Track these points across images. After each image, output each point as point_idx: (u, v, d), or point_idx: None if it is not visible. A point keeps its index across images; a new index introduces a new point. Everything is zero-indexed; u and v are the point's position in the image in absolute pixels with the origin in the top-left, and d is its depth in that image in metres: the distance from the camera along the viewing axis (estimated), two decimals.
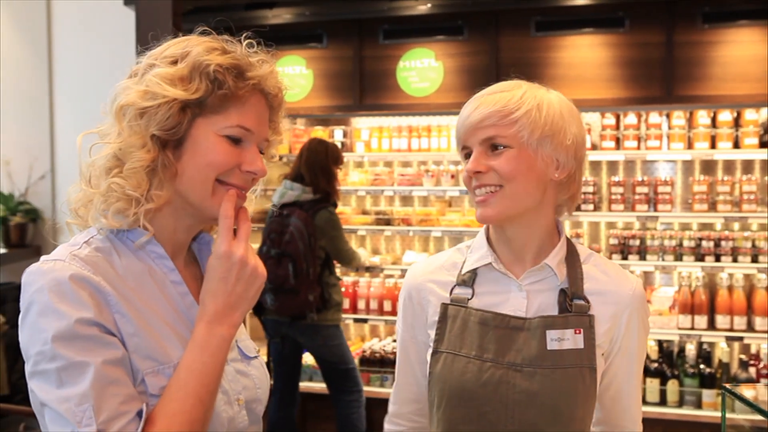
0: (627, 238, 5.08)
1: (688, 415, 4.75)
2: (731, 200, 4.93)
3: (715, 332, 4.86)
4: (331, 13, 5.18)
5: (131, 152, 1.33)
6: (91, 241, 1.36)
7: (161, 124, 1.33)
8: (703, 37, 4.76)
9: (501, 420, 1.60)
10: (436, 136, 5.42)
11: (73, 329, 1.23)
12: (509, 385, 1.60)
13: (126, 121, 1.34)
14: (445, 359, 1.65)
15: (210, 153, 1.37)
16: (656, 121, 5.06)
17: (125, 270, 1.35)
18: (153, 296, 1.37)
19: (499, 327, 1.63)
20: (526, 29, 5.00)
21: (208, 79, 1.35)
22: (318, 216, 4.45)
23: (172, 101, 1.33)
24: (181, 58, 1.37)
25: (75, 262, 1.29)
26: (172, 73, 1.34)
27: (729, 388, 2.28)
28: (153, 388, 1.29)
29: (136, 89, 1.34)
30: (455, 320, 1.66)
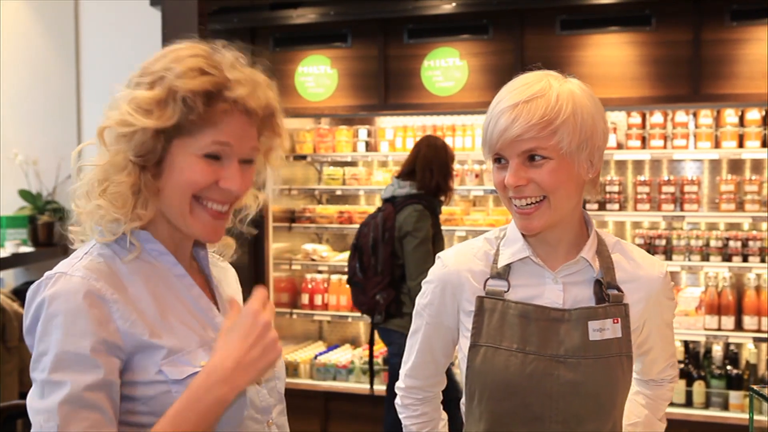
0: (653, 237, 5.04)
1: (714, 417, 4.71)
2: (759, 200, 4.87)
3: (742, 333, 4.81)
4: (355, 13, 5.18)
5: (114, 174, 1.38)
6: (91, 250, 1.40)
7: (137, 149, 1.37)
8: (731, 34, 4.71)
9: (545, 411, 1.63)
10: (460, 135, 5.41)
11: (68, 353, 1.28)
12: (553, 376, 1.63)
13: (109, 143, 1.39)
14: (485, 353, 1.66)
15: (186, 172, 1.39)
16: (683, 120, 5.02)
17: (130, 271, 1.40)
18: (160, 292, 1.42)
19: (540, 319, 1.65)
20: (552, 28, 4.98)
21: (183, 104, 1.36)
22: (401, 211, 4.27)
23: (145, 129, 1.36)
24: (159, 82, 1.38)
25: (78, 272, 1.34)
26: (147, 99, 1.36)
27: (757, 389, 2.26)
28: (173, 374, 1.34)
29: (114, 113, 1.38)
30: (493, 313, 1.67)
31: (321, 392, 5.37)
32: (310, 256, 5.69)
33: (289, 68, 5.42)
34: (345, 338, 5.99)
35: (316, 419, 5.36)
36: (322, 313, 5.68)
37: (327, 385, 5.41)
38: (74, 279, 1.32)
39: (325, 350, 5.72)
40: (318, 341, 6.00)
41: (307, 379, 5.48)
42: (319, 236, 6.03)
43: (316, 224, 5.70)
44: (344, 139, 5.68)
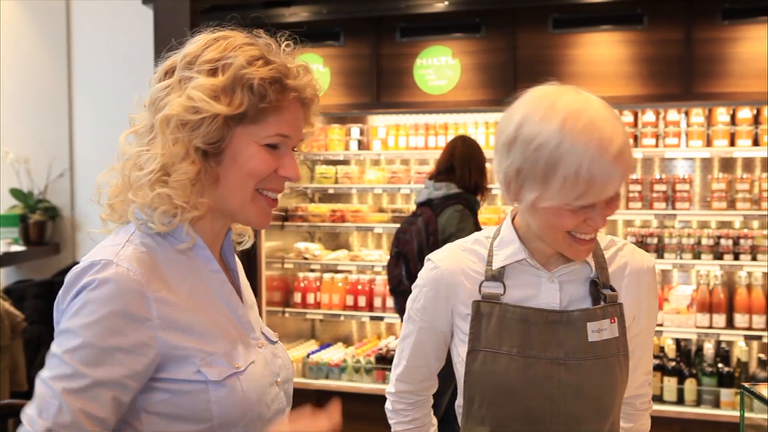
0: (645, 236, 5.06)
1: (706, 415, 4.73)
2: (750, 198, 4.89)
3: (733, 331, 4.83)
4: (348, 11, 5.18)
5: (176, 163, 1.35)
6: (132, 238, 1.38)
7: (205, 137, 1.36)
8: (722, 33, 4.72)
9: (547, 414, 1.63)
10: (453, 133, 5.41)
11: (96, 347, 1.28)
12: (554, 379, 1.62)
13: (169, 132, 1.36)
14: (484, 358, 1.65)
15: (250, 162, 1.40)
16: (675, 119, 5.03)
17: (168, 263, 1.39)
18: (195, 287, 1.41)
19: (539, 322, 1.64)
20: (544, 26, 4.98)
21: (251, 93, 1.36)
22: (442, 213, 4.17)
23: (215, 116, 1.35)
24: (222, 69, 1.37)
25: (124, 262, 1.32)
26: (214, 86, 1.35)
27: (748, 387, 2.28)
28: (212, 375, 1.36)
29: (178, 101, 1.35)
30: (490, 317, 1.66)
31: (313, 391, 5.37)
32: (303, 254, 5.69)
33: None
34: (337, 337, 5.99)
35: None
36: (314, 311, 5.68)
37: (319, 383, 5.41)
38: (121, 270, 1.31)
39: (318, 349, 5.72)
40: (310, 340, 6.00)
41: (299, 377, 5.48)
42: (311, 235, 6.02)
43: (308, 223, 5.70)
44: (337, 137, 5.68)
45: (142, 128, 1.42)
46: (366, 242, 6.01)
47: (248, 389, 1.40)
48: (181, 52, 1.43)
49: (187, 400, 1.35)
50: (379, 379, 5.25)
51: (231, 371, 1.38)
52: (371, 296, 5.53)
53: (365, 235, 5.96)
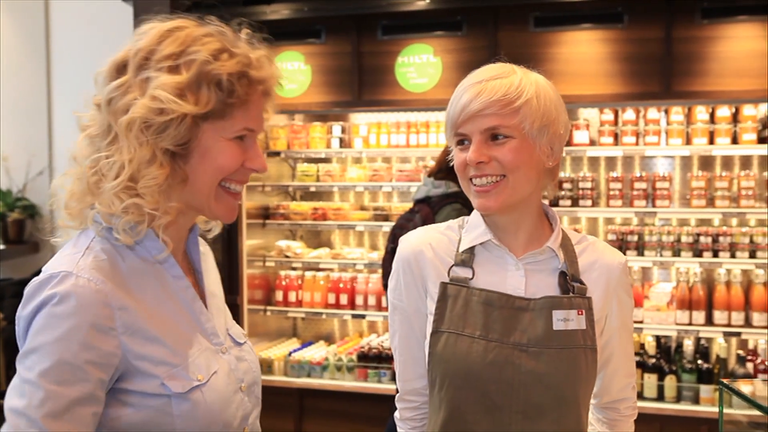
0: (625, 233, 5.09)
1: (685, 411, 4.76)
2: (729, 196, 4.93)
3: (712, 328, 4.86)
4: (329, 9, 5.17)
5: (143, 168, 1.30)
6: (92, 245, 1.33)
7: (174, 138, 1.32)
8: (701, 32, 4.75)
9: (506, 401, 1.62)
10: (434, 131, 5.41)
11: (65, 363, 1.23)
12: (515, 365, 1.62)
13: (133, 136, 1.30)
14: (447, 339, 1.64)
15: (220, 157, 1.37)
16: (655, 117, 5.06)
17: (129, 270, 1.34)
18: (157, 295, 1.37)
19: (504, 307, 1.65)
20: (525, 25, 5.00)
21: (218, 89, 1.33)
22: (440, 212, 4.12)
23: (183, 116, 1.31)
24: (185, 65, 1.32)
25: (84, 272, 1.27)
26: (179, 84, 1.30)
27: (727, 383, 2.29)
28: (175, 388, 1.32)
29: (142, 102, 1.29)
30: (456, 300, 1.66)
31: (295, 389, 5.36)
32: (284, 252, 5.67)
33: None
34: (319, 335, 5.98)
35: (290, 416, 5.35)
36: (296, 309, 5.67)
37: (301, 382, 5.40)
38: (81, 281, 1.26)
39: (300, 347, 5.71)
40: (292, 338, 5.99)
41: (281, 376, 5.47)
42: (293, 233, 6.01)
43: (290, 221, 5.69)
44: (318, 135, 5.66)
45: (97, 130, 1.35)
46: (348, 240, 6.00)
47: (211, 401, 1.37)
48: (133, 47, 1.36)
49: (151, 415, 1.31)
50: (361, 377, 5.25)
51: (193, 383, 1.35)
52: (353, 294, 5.52)
53: (347, 233, 5.96)
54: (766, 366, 4.75)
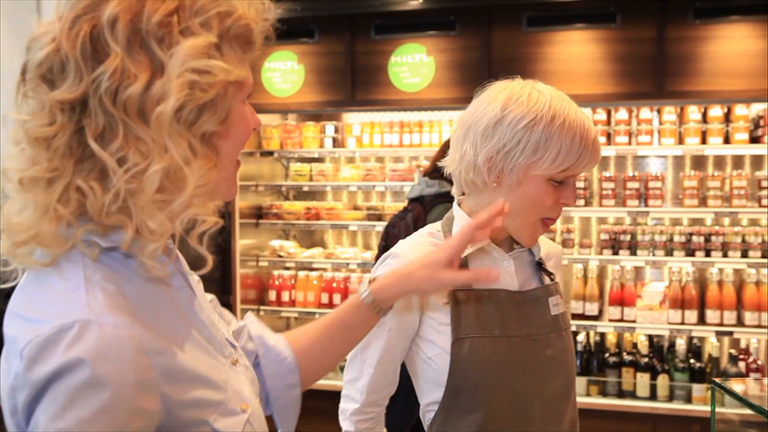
0: (618, 233, 5.10)
1: (678, 410, 4.77)
2: (721, 195, 4.94)
3: (705, 327, 4.87)
4: (323, 8, 5.17)
5: (186, 167, 1.00)
6: (89, 274, 1.00)
7: (219, 117, 1.04)
8: (694, 32, 4.77)
9: (529, 391, 1.69)
10: (427, 131, 5.42)
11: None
12: (532, 354, 1.70)
13: (172, 128, 0.99)
14: (471, 343, 1.67)
15: (242, 125, 1.11)
16: (647, 117, 5.07)
17: (140, 298, 1.03)
18: (171, 319, 1.07)
19: (509, 303, 1.72)
20: (518, 24, 5.00)
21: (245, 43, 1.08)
22: (432, 211, 4.11)
23: (225, 85, 1.04)
24: (201, 25, 1.02)
25: (106, 317, 0.95)
26: (207, 46, 1.01)
27: (719, 382, 2.30)
28: (230, 428, 1.07)
29: (177, 83, 0.97)
30: (467, 304, 1.69)
31: None
32: (277, 252, 5.67)
33: (255, 64, 5.38)
34: None
35: None
36: (289, 309, 5.66)
37: None
38: (108, 330, 0.93)
39: None
40: None
41: None
42: (286, 232, 6.01)
43: (283, 220, 5.68)
44: (311, 135, 5.66)
45: (64, 135, 0.99)
46: (341, 240, 6.00)
47: (259, 429, 1.15)
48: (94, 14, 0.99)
49: None
50: None
51: (244, 417, 1.10)
52: (346, 294, 5.51)
53: (340, 232, 5.96)
54: (758, 365, 4.76)
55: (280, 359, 1.38)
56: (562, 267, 1.93)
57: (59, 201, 1.00)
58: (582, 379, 4.97)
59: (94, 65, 0.98)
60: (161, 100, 0.97)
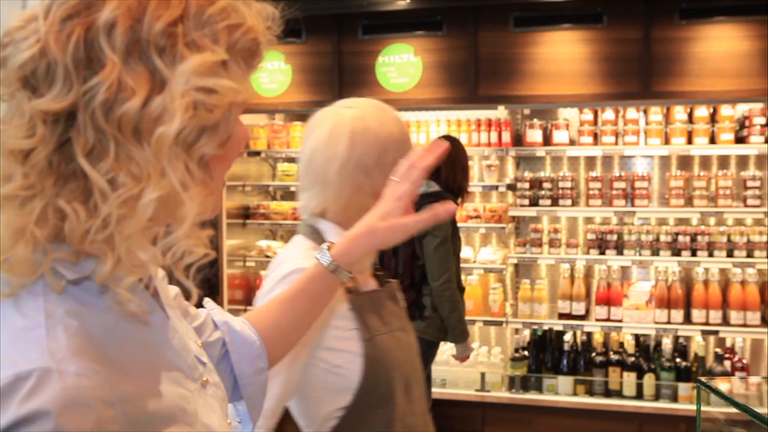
0: (604, 233, 5.11)
1: (664, 409, 4.80)
2: (707, 195, 4.97)
3: (691, 326, 4.90)
4: (310, 8, 5.16)
5: (179, 196, 0.89)
6: (50, 310, 0.87)
7: (221, 138, 0.94)
8: (680, 33, 4.79)
9: (411, 378, 1.82)
10: (414, 131, 5.42)
11: None
12: (405, 343, 1.85)
13: (171, 150, 0.88)
14: (378, 342, 1.76)
15: (241, 143, 1.03)
16: (633, 117, 5.09)
17: (104, 332, 0.91)
18: (138, 351, 0.96)
19: (381, 300, 1.84)
20: (505, 25, 5.01)
21: (250, 58, 0.98)
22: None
23: (230, 106, 0.93)
24: (208, 37, 0.91)
25: (69, 364, 0.83)
26: (213, 64, 0.91)
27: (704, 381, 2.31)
28: None
29: (180, 102, 0.87)
30: (364, 305, 1.78)
31: None
32: (265, 252, 5.66)
33: None
34: None
35: None
36: None
37: None
38: (69, 380, 0.82)
39: None
40: None
41: None
42: (273, 233, 6.00)
43: (270, 221, 5.67)
44: (299, 135, 5.65)
45: (84, 143, 0.87)
46: None
47: None
48: (88, 20, 0.87)
49: None
50: None
51: None
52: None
53: None
54: (744, 364, 4.79)
55: (248, 344, 1.32)
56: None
57: (36, 223, 0.87)
58: (569, 379, 4.99)
59: (86, 74, 0.86)
60: (159, 120, 0.87)
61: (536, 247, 5.20)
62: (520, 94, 4.96)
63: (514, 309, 5.35)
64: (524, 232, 5.47)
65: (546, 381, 5.04)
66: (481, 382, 5.15)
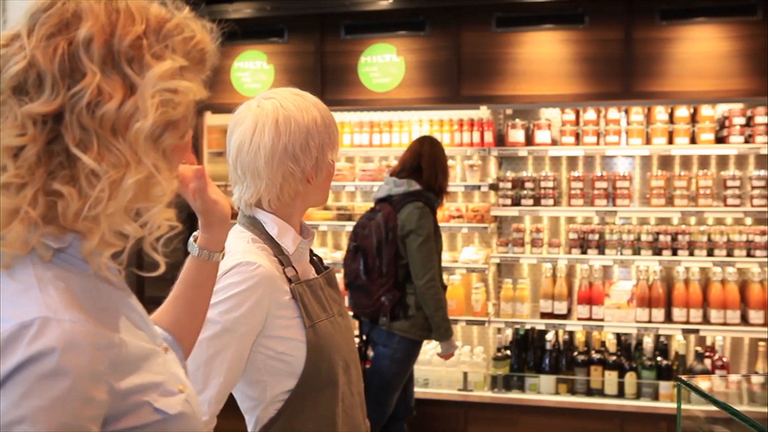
0: (586, 232, 5.14)
1: (645, 407, 4.82)
2: (688, 195, 5.00)
3: (671, 325, 4.93)
4: (292, 8, 5.15)
5: (154, 178, 1.10)
6: (39, 274, 1.06)
7: (185, 130, 1.16)
8: (660, 33, 4.82)
9: (349, 360, 1.92)
10: (397, 131, 5.43)
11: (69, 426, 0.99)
12: (344, 327, 1.93)
13: (148, 143, 1.09)
14: (320, 328, 1.84)
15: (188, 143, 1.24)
16: (615, 117, 5.12)
17: (84, 293, 1.09)
18: (111, 310, 1.14)
19: (322, 288, 1.93)
20: (488, 25, 5.02)
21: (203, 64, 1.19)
22: (402, 210, 4.17)
23: (191, 103, 1.14)
24: (169, 48, 1.11)
25: (63, 314, 1.01)
26: (175, 70, 1.11)
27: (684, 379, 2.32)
28: (171, 408, 1.15)
29: (152, 102, 1.07)
30: (304, 294, 1.85)
31: None
32: None
33: (224, 63, 5.36)
34: None
35: None
36: None
37: None
38: (66, 326, 1.00)
39: None
40: None
41: None
42: None
43: None
44: None
45: (73, 138, 1.06)
46: None
47: (197, 409, 1.23)
48: (63, 39, 1.05)
49: None
50: None
51: (182, 397, 1.18)
52: None
53: None
54: (724, 362, 4.83)
55: (168, 341, 1.43)
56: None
57: (29, 204, 1.04)
58: (551, 378, 5.01)
59: (70, 82, 1.04)
60: (133, 117, 1.06)
61: (518, 246, 5.21)
62: (502, 94, 4.97)
63: (496, 308, 5.37)
64: (506, 232, 5.49)
65: (528, 380, 5.06)
66: (464, 382, 5.16)
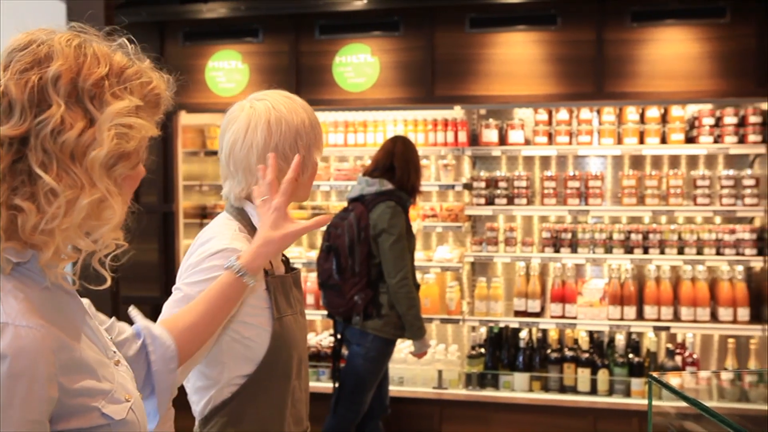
0: (559, 231, 5.19)
1: (618, 404, 4.88)
2: (659, 194, 5.06)
3: (643, 322, 4.99)
4: (267, 8, 5.15)
5: (107, 201, 1.23)
6: (2, 286, 1.18)
7: (136, 161, 1.29)
8: (631, 35, 4.88)
9: (303, 356, 2.03)
10: (372, 131, 5.44)
11: (33, 423, 1.13)
12: (302, 326, 2.04)
13: (103, 170, 1.22)
14: (285, 322, 1.95)
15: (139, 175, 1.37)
16: (587, 117, 5.17)
17: (40, 302, 1.20)
18: (63, 320, 1.24)
19: (288, 285, 2.01)
20: (461, 25, 5.05)
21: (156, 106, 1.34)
22: (374, 209, 4.19)
23: (143, 138, 1.29)
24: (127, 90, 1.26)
25: (20, 320, 1.14)
26: (131, 109, 1.25)
27: (655, 376, 2.36)
28: (116, 414, 1.25)
29: (108, 134, 1.21)
30: (277, 288, 1.95)
31: None
32: None
33: (199, 63, 5.35)
34: None
35: None
36: None
37: None
38: (23, 331, 1.12)
39: None
40: None
41: None
42: None
43: None
44: None
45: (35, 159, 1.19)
46: None
47: (141, 417, 1.32)
48: (36, 75, 1.20)
49: None
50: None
51: (128, 405, 1.28)
52: None
53: None
54: (694, 359, 4.89)
55: (165, 347, 1.60)
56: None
57: None
58: (524, 375, 5.05)
59: (37, 111, 1.18)
60: (90, 146, 1.20)
61: (492, 245, 5.25)
62: (476, 94, 5.01)
63: (470, 307, 5.40)
64: (480, 231, 5.53)
65: (502, 378, 5.10)
66: (438, 380, 5.19)
